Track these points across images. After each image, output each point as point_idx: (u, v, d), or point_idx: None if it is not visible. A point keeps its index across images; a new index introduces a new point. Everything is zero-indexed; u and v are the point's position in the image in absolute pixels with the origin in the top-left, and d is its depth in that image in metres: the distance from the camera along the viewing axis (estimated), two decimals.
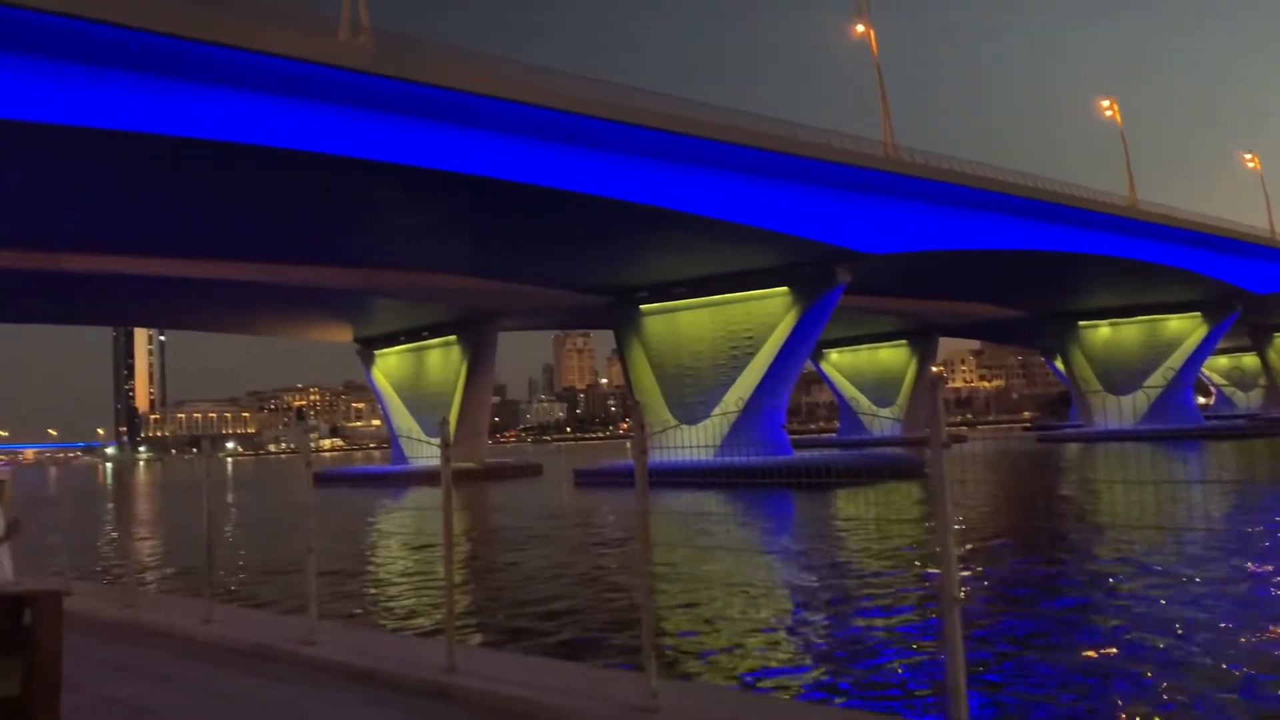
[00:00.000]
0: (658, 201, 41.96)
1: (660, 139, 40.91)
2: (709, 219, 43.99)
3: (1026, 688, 10.90)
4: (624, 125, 39.82)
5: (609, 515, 36.31)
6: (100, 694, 8.11)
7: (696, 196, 43.30)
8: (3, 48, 27.83)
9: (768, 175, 45.45)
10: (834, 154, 47.36)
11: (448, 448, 8.70)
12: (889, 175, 50.02)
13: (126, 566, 14.56)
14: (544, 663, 9.07)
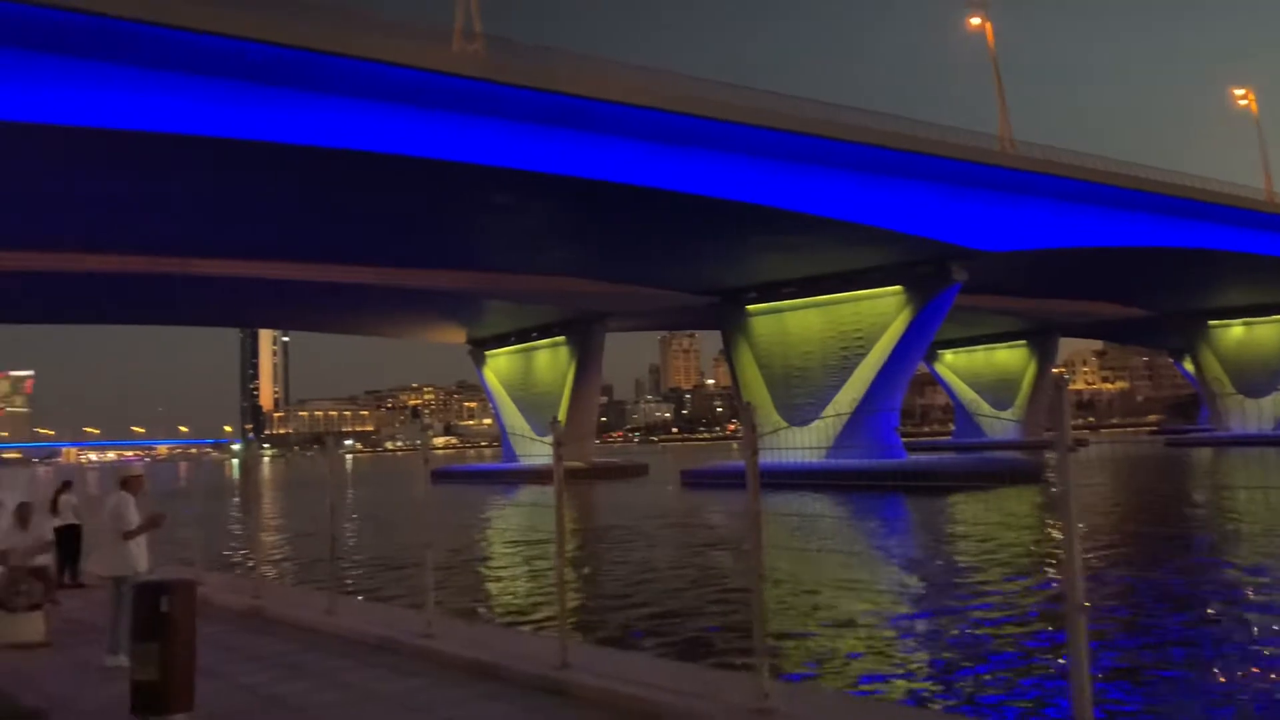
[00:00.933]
0: (766, 201, 41.67)
1: (769, 137, 40.62)
2: (819, 217, 43.47)
3: (1152, 700, 10.46)
4: (732, 124, 39.67)
5: (716, 516, 36.19)
6: (231, 681, 8.45)
7: (806, 195, 42.84)
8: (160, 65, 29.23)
9: (879, 172, 44.67)
10: (948, 149, 46.26)
11: (560, 446, 8.80)
12: (1006, 171, 48.61)
13: (254, 558, 15.15)
14: (657, 662, 9.10)
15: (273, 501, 54.59)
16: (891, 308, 52.73)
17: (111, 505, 9.35)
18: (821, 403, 54.08)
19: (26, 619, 10.49)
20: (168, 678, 6.98)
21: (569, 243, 50.45)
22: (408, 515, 36.66)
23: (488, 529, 34.76)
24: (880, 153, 43.88)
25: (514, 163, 35.77)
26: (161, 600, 7.07)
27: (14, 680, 8.57)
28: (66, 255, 46.80)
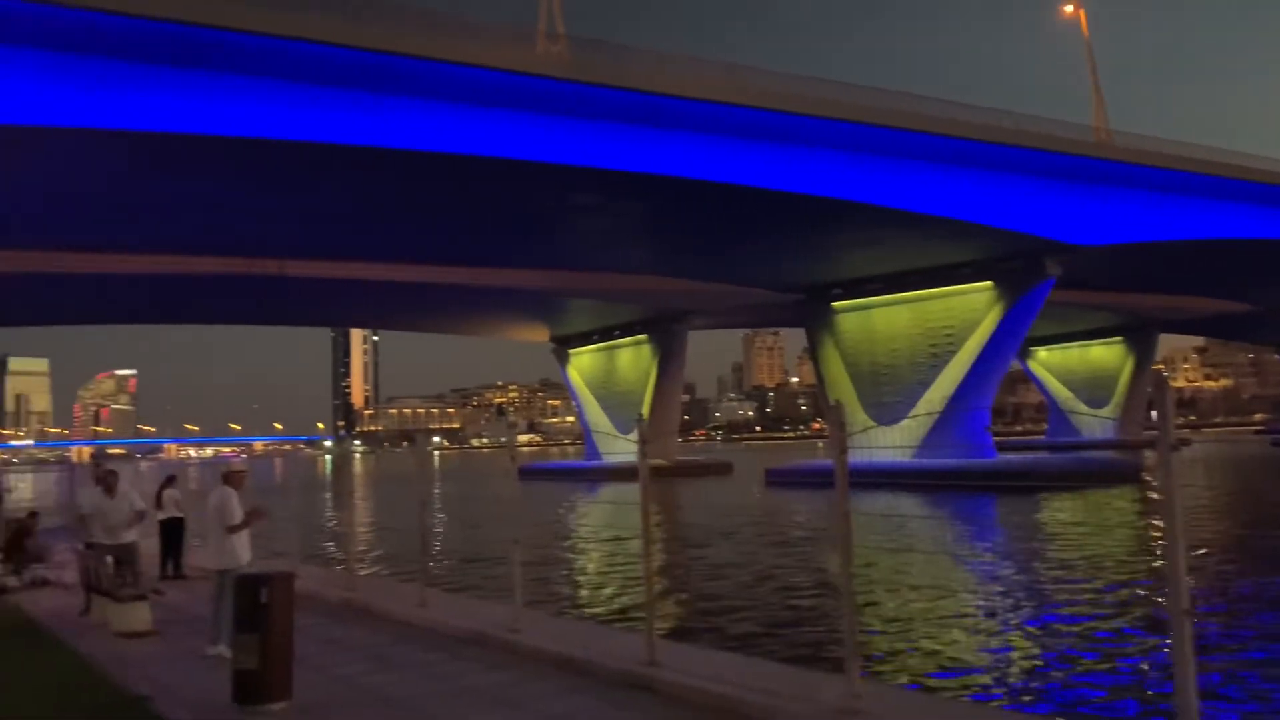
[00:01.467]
0: (852, 196, 41.15)
1: (855, 131, 40.08)
2: (906, 212, 42.77)
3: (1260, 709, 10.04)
4: (817, 119, 39.26)
5: (801, 515, 35.90)
6: (327, 671, 8.66)
7: (893, 189, 42.20)
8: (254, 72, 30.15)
9: (969, 165, 43.75)
10: (1041, 141, 45.07)
11: (645, 444, 8.80)
12: (1102, 162, 47.16)
13: (347, 551, 15.52)
14: (744, 661, 9.04)
15: (363, 496, 55.85)
16: (982, 304, 51.61)
17: (215, 500, 9.65)
18: (910, 401, 53.21)
19: (133, 609, 10.90)
20: (267, 667, 7.19)
21: (651, 241, 50.54)
22: (493, 511, 37.17)
23: (572, 526, 35.03)
24: (969, 145, 42.99)
25: (597, 162, 35.96)
26: (261, 592, 7.29)
27: (122, 667, 8.92)
28: (167, 258, 48.58)
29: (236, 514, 9.56)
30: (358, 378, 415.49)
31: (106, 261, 47.74)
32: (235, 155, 32.61)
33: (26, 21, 26.61)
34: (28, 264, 46.30)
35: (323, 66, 30.74)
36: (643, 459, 8.52)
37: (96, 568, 11.66)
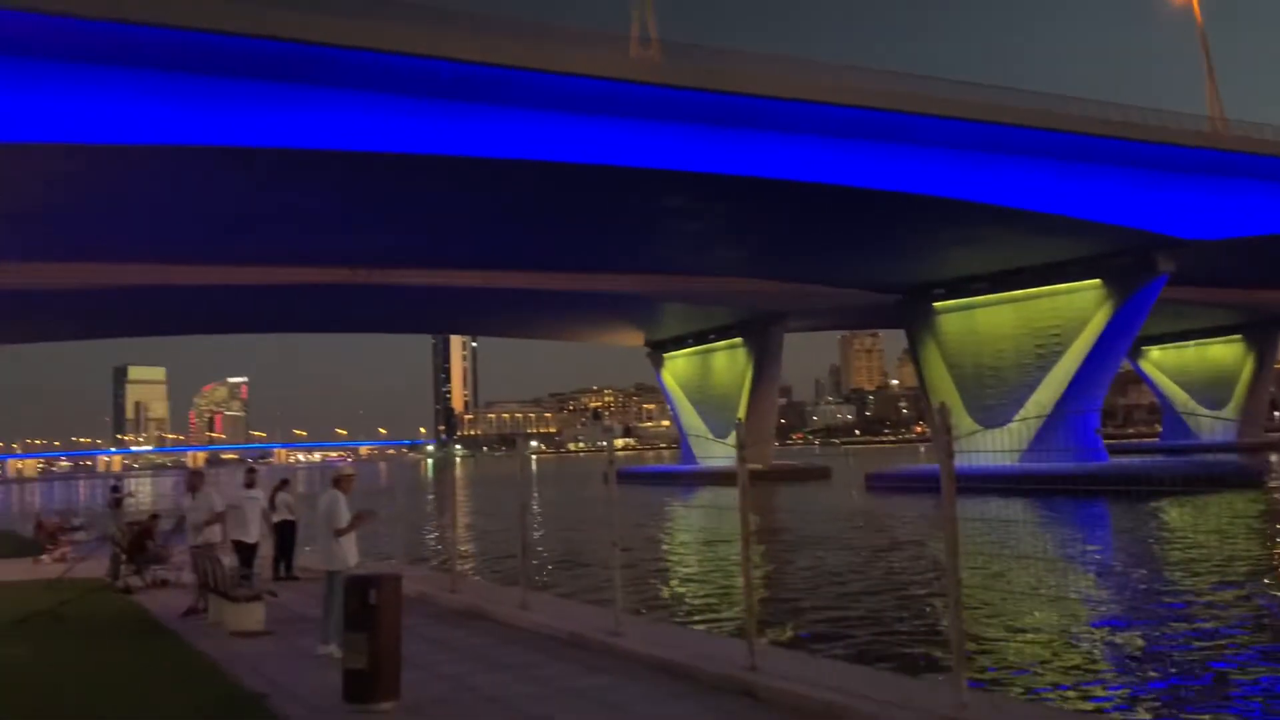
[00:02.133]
0: (953, 193, 40.30)
1: (954, 127, 39.24)
2: (1010, 209, 41.68)
3: None
4: (914, 116, 38.55)
5: (903, 521, 35.24)
6: (433, 671, 8.81)
7: (995, 185, 41.17)
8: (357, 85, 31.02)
9: (1075, 159, 42.42)
10: (1151, 133, 43.42)
11: (743, 449, 8.74)
12: (1218, 153, 45.21)
13: (450, 553, 15.78)
14: (847, 667, 8.91)
15: (465, 499, 56.83)
16: (1091, 302, 49.96)
17: (325, 503, 9.91)
18: (1015, 403, 51.83)
19: (248, 608, 11.27)
20: (376, 667, 7.34)
21: (746, 243, 50.30)
22: (591, 515, 37.45)
23: (668, 530, 35.05)
24: (1077, 139, 41.68)
25: (691, 165, 35.94)
26: (370, 593, 7.44)
27: (237, 665, 9.22)
28: (275, 269, 50.26)
29: (345, 517, 9.79)
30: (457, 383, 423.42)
31: (217, 274, 49.62)
32: (338, 168, 33.57)
33: (132, 43, 27.78)
34: (144, 277, 48.40)
35: (418, 79, 31.40)
36: (741, 463, 8.46)
37: (213, 569, 12.08)
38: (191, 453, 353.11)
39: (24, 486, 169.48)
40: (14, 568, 19.45)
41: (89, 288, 48.36)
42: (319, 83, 30.47)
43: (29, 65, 27.42)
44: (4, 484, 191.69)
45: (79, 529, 22.78)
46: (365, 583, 7.58)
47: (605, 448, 11.15)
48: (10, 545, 24.60)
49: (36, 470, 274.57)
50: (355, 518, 9.89)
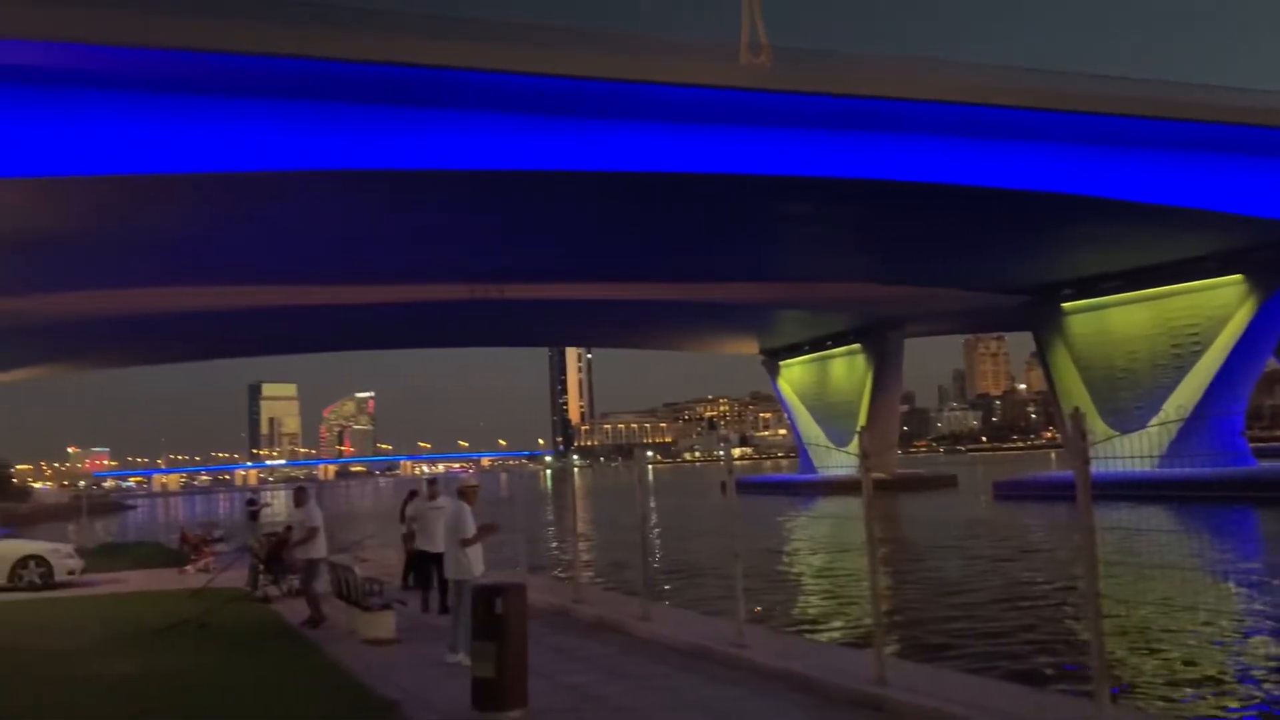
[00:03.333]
0: (1080, 189, 38.85)
1: (1078, 122, 37.80)
2: (1140, 204, 39.95)
3: None
4: (1035, 111, 37.27)
5: (1033, 530, 34.12)
6: (558, 680, 8.88)
7: (1124, 180, 39.53)
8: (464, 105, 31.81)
9: (1211, 150, 40.36)
10: None
11: (867, 458, 8.58)
12: None
13: (571, 563, 15.93)
14: (978, 681, 8.63)
15: (583, 509, 57.35)
16: (1232, 299, 47.48)
17: (451, 513, 10.12)
18: (1150, 406, 49.62)
19: (379, 617, 11.58)
20: (504, 675, 7.44)
21: (863, 247, 49.52)
22: (708, 524, 37.28)
23: (788, 540, 34.67)
24: (1210, 128, 39.66)
25: (805, 170, 35.61)
26: (496, 602, 7.54)
27: (370, 672, 9.48)
28: (397, 287, 51.76)
29: (471, 527, 9.98)
30: (574, 394, 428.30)
31: (345, 293, 51.41)
32: (459, 187, 34.42)
33: (265, 74, 29.04)
34: (276, 298, 50.52)
35: (533, 96, 31.94)
36: (865, 472, 8.31)
37: (346, 578, 12.45)
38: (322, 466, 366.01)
39: (168, 500, 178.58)
40: (162, 577, 20.48)
41: (225, 309, 50.76)
42: (441, 104, 31.32)
43: (160, 100, 28.92)
44: (150, 497, 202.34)
45: (220, 540, 23.77)
46: (492, 592, 7.69)
47: (721, 457, 11.11)
48: (159, 556, 25.89)
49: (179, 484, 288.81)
50: (481, 529, 10.06)
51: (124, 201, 33.16)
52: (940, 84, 36.20)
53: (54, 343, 56.05)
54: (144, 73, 28.01)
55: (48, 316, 47.47)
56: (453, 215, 39.35)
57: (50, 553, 19.59)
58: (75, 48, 26.73)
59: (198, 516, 79.20)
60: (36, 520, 72.87)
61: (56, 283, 44.03)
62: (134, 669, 9.56)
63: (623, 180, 34.56)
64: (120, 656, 10.41)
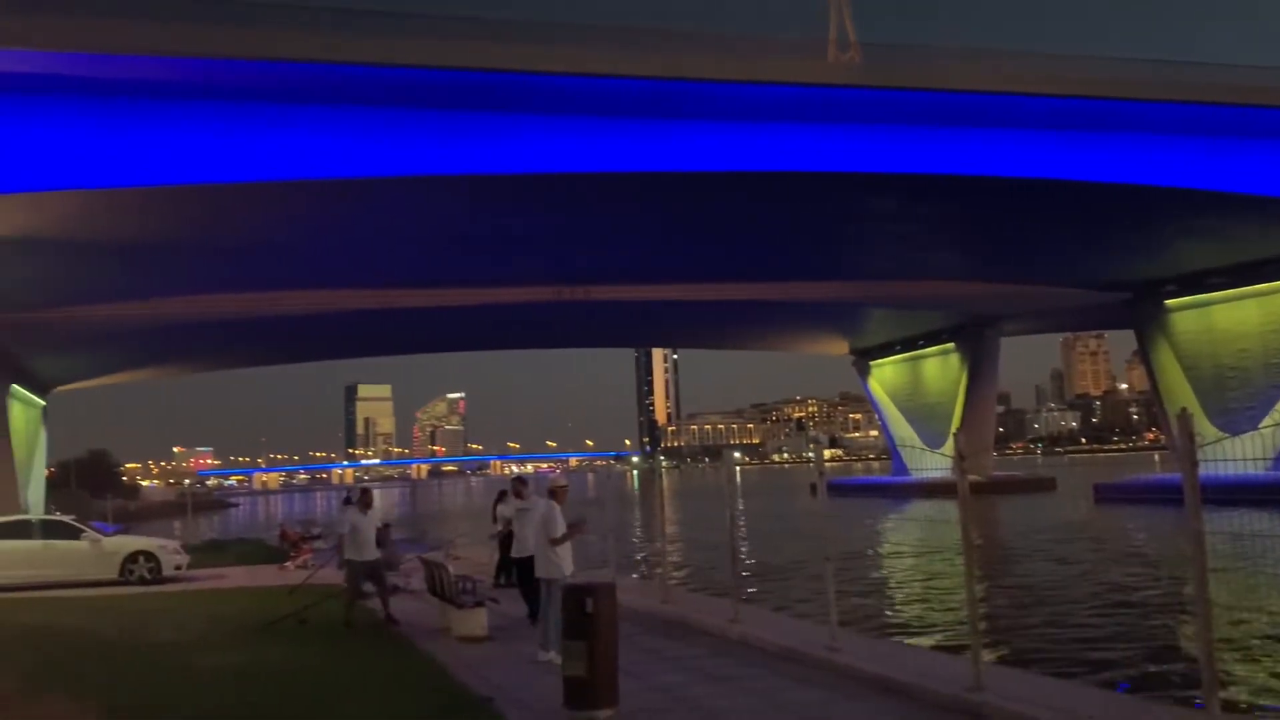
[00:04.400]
0: (1186, 182, 37.44)
1: (1184, 112, 36.41)
2: (1251, 196, 38.33)
3: None
4: (1135, 102, 35.99)
5: (1136, 534, 33.04)
6: (648, 680, 8.89)
7: (1234, 171, 37.96)
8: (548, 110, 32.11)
9: None
10: None
11: (963, 460, 8.40)
12: None
13: (658, 563, 15.94)
14: (1081, 689, 8.39)
15: (670, 510, 57.42)
16: None
17: (541, 513, 10.22)
18: (1263, 407, 47.58)
19: (472, 614, 11.75)
20: (595, 674, 7.46)
21: (957, 244, 48.54)
22: (797, 526, 36.97)
23: (880, 543, 34.18)
24: None
25: (894, 167, 35.04)
26: (587, 602, 7.58)
27: (463, 669, 9.62)
28: (485, 290, 52.49)
29: (561, 526, 10.05)
30: (660, 395, 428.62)
31: (435, 296, 52.36)
32: (544, 190, 34.73)
33: (353, 83, 29.70)
34: (370, 302, 51.72)
35: (615, 98, 32.05)
36: (961, 475, 8.15)
37: (439, 576, 12.67)
38: (415, 465, 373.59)
39: (268, 498, 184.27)
40: (262, 574, 21.13)
41: (320, 313, 52.15)
42: (525, 109, 31.63)
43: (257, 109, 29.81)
44: (251, 496, 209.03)
45: (318, 537, 24.42)
46: (582, 591, 7.73)
47: (809, 459, 10.99)
48: (259, 553, 26.71)
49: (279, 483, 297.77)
50: (570, 527, 10.13)
51: (224, 209, 34.31)
52: (1033, 76, 35.26)
53: (159, 346, 58.28)
54: (240, 84, 28.93)
55: (153, 320, 49.44)
56: (538, 218, 39.75)
57: (158, 549, 20.39)
58: (179, 62, 27.75)
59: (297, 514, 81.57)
60: (144, 517, 75.96)
61: (161, 288, 45.83)
62: (240, 662, 9.88)
63: (708, 180, 34.46)
64: (227, 649, 10.76)
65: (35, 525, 20.85)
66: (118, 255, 38.07)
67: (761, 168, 33.99)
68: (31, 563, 19.21)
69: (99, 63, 27.11)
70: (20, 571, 19.00)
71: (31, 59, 26.50)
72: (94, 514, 41.82)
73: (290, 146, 30.10)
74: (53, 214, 31.77)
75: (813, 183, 35.57)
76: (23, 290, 42.14)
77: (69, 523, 21.08)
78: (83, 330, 48.76)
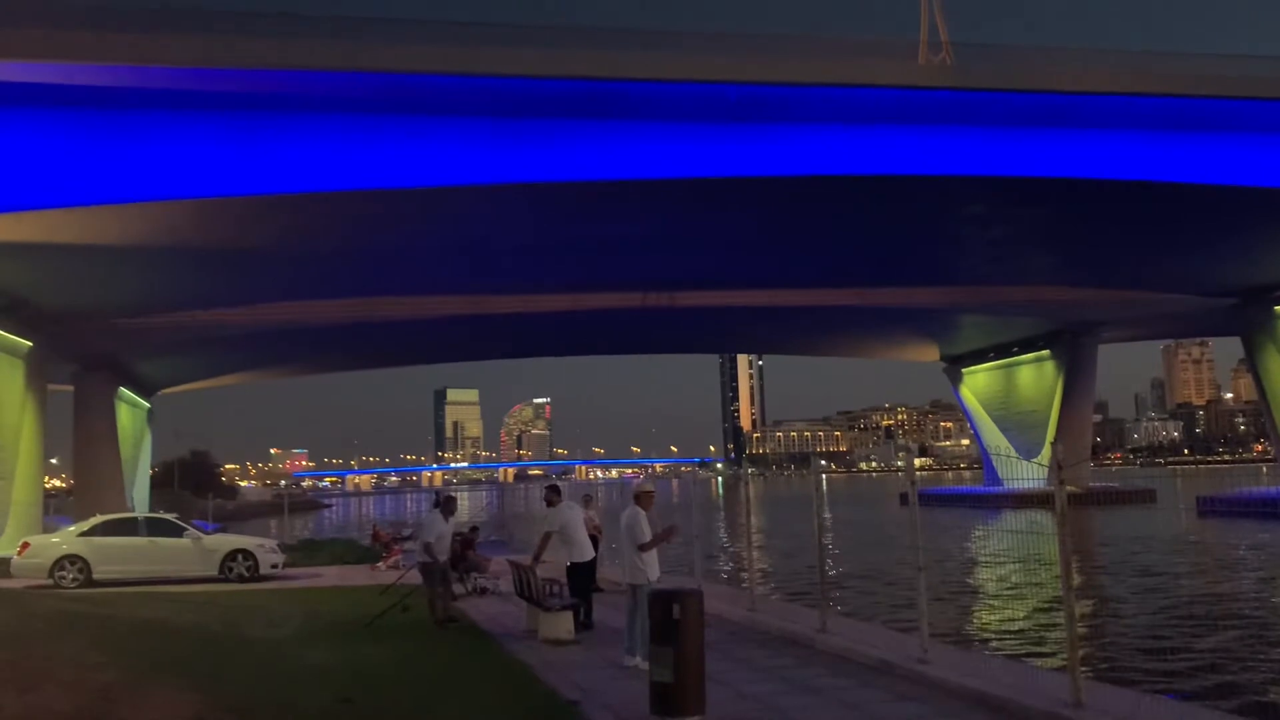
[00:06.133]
0: None
1: None
2: None
3: None
4: (1238, 101, 34.45)
5: (1240, 549, 31.75)
6: (735, 689, 8.82)
7: None
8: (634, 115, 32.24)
9: None
10: None
11: (1060, 470, 8.17)
12: None
13: (745, 571, 15.83)
14: (1185, 708, 8.07)
15: (756, 518, 56.96)
16: None
17: (627, 518, 10.23)
18: None
19: (559, 618, 11.82)
20: (682, 681, 7.43)
21: (1051, 249, 47.24)
22: (887, 536, 36.38)
23: (972, 554, 33.42)
24: None
25: (986, 169, 34.26)
26: (674, 608, 7.55)
27: (550, 672, 9.68)
28: (573, 296, 53.01)
29: (647, 532, 10.05)
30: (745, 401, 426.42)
31: (523, 303, 53.10)
32: (633, 197, 34.82)
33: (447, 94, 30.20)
34: (461, 308, 52.66)
35: (706, 104, 31.99)
36: (1059, 486, 7.93)
37: (527, 579, 12.78)
38: (502, 469, 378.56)
39: (360, 499, 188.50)
40: (355, 573, 21.61)
41: (412, 319, 53.26)
42: (614, 116, 31.80)
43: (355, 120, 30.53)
44: (344, 497, 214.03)
45: (409, 539, 24.90)
46: (669, 597, 7.70)
47: (899, 467, 10.81)
48: (352, 553, 27.34)
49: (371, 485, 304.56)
50: (660, 534, 10.12)
51: (323, 217, 35.25)
52: (1132, 76, 34.12)
53: (258, 350, 60.20)
54: (344, 96, 29.71)
55: (253, 325, 51.08)
56: (627, 225, 39.87)
57: (256, 548, 21.01)
58: (284, 74, 28.62)
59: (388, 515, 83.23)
60: (242, 517, 78.40)
61: (261, 294, 47.32)
62: (336, 659, 10.10)
63: (798, 185, 34.16)
64: (323, 646, 11.01)
65: (141, 523, 21.67)
66: (221, 263, 39.38)
67: (852, 171, 33.57)
68: (138, 559, 20.00)
69: (208, 77, 28.14)
70: (127, 567, 19.80)
71: (146, 74, 27.63)
72: (195, 513, 43.36)
73: (387, 156, 30.79)
74: (161, 223, 33.00)
75: (903, 186, 35.02)
76: (131, 297, 43.95)
77: (173, 521, 21.87)
78: (186, 335, 50.65)
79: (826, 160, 33.31)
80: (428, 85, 29.68)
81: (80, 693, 6.89)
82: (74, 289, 40.52)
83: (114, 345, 50.40)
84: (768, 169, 33.08)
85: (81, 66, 26.97)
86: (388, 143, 30.68)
